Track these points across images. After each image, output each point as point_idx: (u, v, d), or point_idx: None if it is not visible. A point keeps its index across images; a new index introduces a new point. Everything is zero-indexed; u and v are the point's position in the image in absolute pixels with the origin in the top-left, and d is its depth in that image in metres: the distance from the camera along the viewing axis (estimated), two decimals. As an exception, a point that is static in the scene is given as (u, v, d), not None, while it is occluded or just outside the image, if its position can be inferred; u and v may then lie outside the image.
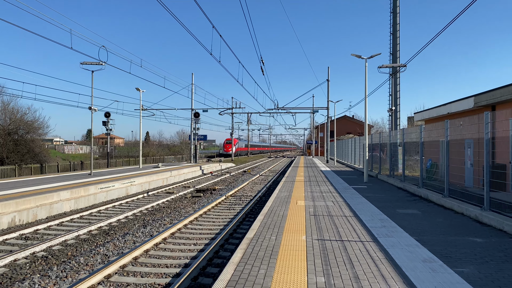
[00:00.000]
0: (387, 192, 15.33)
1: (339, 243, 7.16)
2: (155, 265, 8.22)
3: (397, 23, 30.57)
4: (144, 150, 64.80)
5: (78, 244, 9.80)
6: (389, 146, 20.03)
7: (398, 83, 30.21)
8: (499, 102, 15.40)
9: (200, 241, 10.30)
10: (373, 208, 11.22)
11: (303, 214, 10.20)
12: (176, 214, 14.03)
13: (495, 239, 7.50)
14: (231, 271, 5.61)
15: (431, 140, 15.71)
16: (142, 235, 10.81)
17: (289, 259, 6.12)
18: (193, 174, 31.45)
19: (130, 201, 17.37)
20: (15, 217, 12.17)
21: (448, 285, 4.99)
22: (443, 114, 20.32)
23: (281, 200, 12.76)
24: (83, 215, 13.84)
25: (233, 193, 19.75)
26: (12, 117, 36.88)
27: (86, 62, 22.22)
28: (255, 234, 7.89)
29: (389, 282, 5.11)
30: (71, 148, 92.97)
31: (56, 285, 6.96)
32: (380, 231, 8.14)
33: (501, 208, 9.35)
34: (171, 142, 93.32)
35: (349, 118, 77.09)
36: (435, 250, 6.61)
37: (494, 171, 11.36)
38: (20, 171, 29.79)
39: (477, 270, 5.60)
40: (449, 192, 11.91)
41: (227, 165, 44.58)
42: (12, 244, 9.98)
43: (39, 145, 38.74)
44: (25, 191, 15.14)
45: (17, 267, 7.87)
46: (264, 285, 5.04)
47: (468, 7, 12.37)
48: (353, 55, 19.70)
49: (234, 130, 68.24)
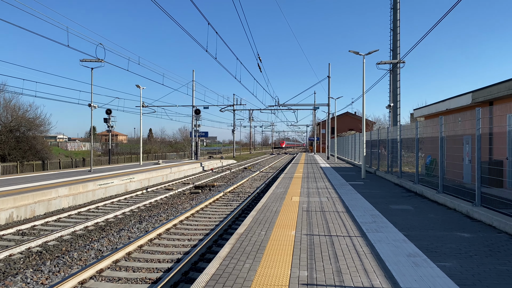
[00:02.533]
0: (383, 188, 15.38)
1: (327, 238, 7.23)
2: (148, 260, 8.33)
3: (397, 19, 30.44)
4: (146, 147, 65.06)
5: (73, 240, 9.93)
6: (387, 142, 20.05)
7: (398, 80, 30.14)
8: (496, 98, 15.40)
9: (194, 236, 10.41)
10: (366, 204, 11.28)
11: (296, 210, 10.28)
12: (173, 211, 14.14)
13: (483, 234, 7.55)
14: (217, 265, 5.70)
15: (430, 136, 15.72)
16: (137, 231, 10.93)
17: (275, 254, 6.20)
18: (193, 171, 31.58)
19: (129, 198, 17.50)
20: (12, 213, 12.32)
21: (428, 278, 5.06)
22: (442, 111, 20.31)
23: (276, 196, 12.84)
24: (81, 211, 13.98)
25: (232, 190, 19.85)
26: (14, 114, 37.09)
27: (86, 60, 22.36)
28: (246, 230, 7.98)
29: (371, 276, 5.19)
30: (74, 145, 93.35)
31: (48, 279, 7.08)
32: (369, 226, 8.21)
33: (494, 204, 9.38)
34: (174, 139, 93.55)
35: (351, 115, 77.00)
36: (421, 245, 6.68)
37: (491, 168, 11.39)
38: (22, 168, 30.03)
39: (460, 264, 5.67)
40: (443, 188, 11.95)
41: (228, 162, 44.71)
42: (8, 239, 10.13)
43: (40, 142, 38.96)
44: (24, 187, 15.29)
45: (11, 262, 8.00)
46: (247, 278, 5.13)
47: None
48: (351, 52, 19.70)
49: (236, 127, 68.34)
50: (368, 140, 25.55)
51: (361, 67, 20.18)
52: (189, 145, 59.72)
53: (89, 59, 22.08)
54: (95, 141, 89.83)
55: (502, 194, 9.66)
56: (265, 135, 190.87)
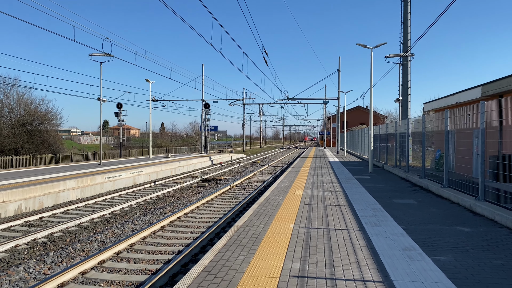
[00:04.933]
0: (389, 182, 15.29)
1: (325, 231, 7.25)
2: (149, 252, 8.45)
3: (408, 11, 30.01)
4: (157, 140, 65.54)
5: (78, 232, 10.11)
6: (395, 136, 19.88)
7: (408, 73, 29.80)
8: (506, 91, 15.14)
9: (197, 229, 10.50)
10: (369, 198, 11.24)
11: (297, 203, 10.30)
12: (178, 204, 14.28)
13: (483, 228, 7.48)
14: (211, 257, 5.77)
15: (439, 130, 15.53)
16: (141, 223, 11.08)
17: (271, 246, 6.24)
18: (202, 165, 31.76)
19: (136, 190, 17.70)
20: (21, 205, 12.58)
21: (421, 272, 5.05)
22: (452, 104, 20.04)
23: (280, 190, 12.87)
24: (88, 204, 14.20)
25: (239, 183, 19.93)
26: (27, 108, 37.72)
27: (95, 54, 22.57)
28: (245, 222, 8.03)
29: (363, 269, 5.19)
30: (87, 139, 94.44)
31: (50, 269, 7.24)
32: (369, 220, 8.20)
33: (499, 199, 9.26)
34: (185, 133, 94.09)
35: (363, 109, 76.46)
36: (419, 239, 6.65)
37: (500, 162, 11.22)
38: (34, 161, 30.54)
39: (454, 258, 5.64)
40: (448, 183, 11.83)
41: (238, 156, 44.83)
42: (16, 230, 10.36)
43: (53, 135, 39.56)
44: (34, 179, 15.58)
45: (16, 253, 8.20)
46: (239, 270, 5.18)
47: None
48: (359, 45, 19.52)
49: (246, 121, 68.37)
50: (376, 134, 25.36)
51: (372, 59, 19.99)
52: (199, 139, 60.05)
53: (98, 54, 22.28)
54: (108, 135, 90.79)
55: (511, 189, 9.50)
56: (276, 129, 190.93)
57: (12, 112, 37.60)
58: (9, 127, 36.00)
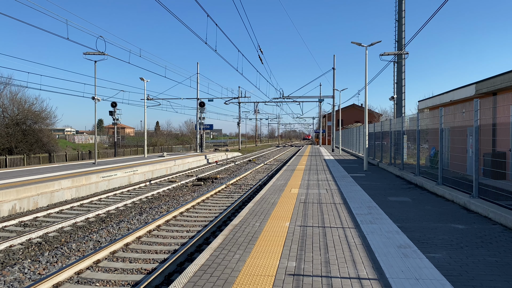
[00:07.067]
0: (384, 180, 15.36)
1: (321, 229, 7.27)
2: (145, 251, 8.44)
3: (403, 9, 30.11)
4: (152, 139, 65.37)
5: (73, 231, 10.07)
6: (390, 134, 19.97)
7: (403, 71, 29.91)
8: (499, 89, 15.23)
9: (193, 228, 10.50)
10: (365, 195, 11.29)
11: (293, 201, 10.32)
12: (174, 203, 14.26)
13: (477, 225, 7.54)
14: (207, 256, 5.77)
15: (433, 128, 15.61)
16: (137, 223, 11.06)
17: (267, 245, 6.26)
18: (197, 163, 31.73)
19: (132, 190, 17.66)
20: (15, 205, 12.51)
21: (415, 269, 5.08)
22: (446, 102, 20.15)
23: (275, 188, 12.89)
24: (83, 203, 14.15)
25: (234, 182, 19.93)
26: (20, 107, 37.47)
27: (89, 53, 22.45)
28: (241, 221, 8.04)
29: (358, 266, 5.22)
30: (81, 138, 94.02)
31: (45, 269, 7.21)
32: (364, 218, 8.23)
33: (493, 196, 9.33)
34: (180, 131, 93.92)
35: (358, 107, 76.61)
36: (413, 237, 6.69)
37: (494, 160, 11.31)
38: (28, 161, 30.36)
39: (449, 255, 5.68)
40: (443, 180, 11.90)
41: (234, 154, 44.80)
42: (10, 231, 10.30)
43: (47, 134, 39.34)
44: (28, 179, 15.50)
45: (11, 253, 8.16)
46: (235, 268, 5.19)
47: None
48: (354, 43, 19.57)
49: (241, 119, 68.37)
50: (371, 132, 25.46)
51: (367, 57, 20.05)
52: (194, 137, 59.96)
53: (92, 52, 22.17)
54: (103, 134, 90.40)
55: (505, 186, 9.58)
56: (271, 127, 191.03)
57: (6, 111, 37.34)
58: (2, 127, 35.76)
